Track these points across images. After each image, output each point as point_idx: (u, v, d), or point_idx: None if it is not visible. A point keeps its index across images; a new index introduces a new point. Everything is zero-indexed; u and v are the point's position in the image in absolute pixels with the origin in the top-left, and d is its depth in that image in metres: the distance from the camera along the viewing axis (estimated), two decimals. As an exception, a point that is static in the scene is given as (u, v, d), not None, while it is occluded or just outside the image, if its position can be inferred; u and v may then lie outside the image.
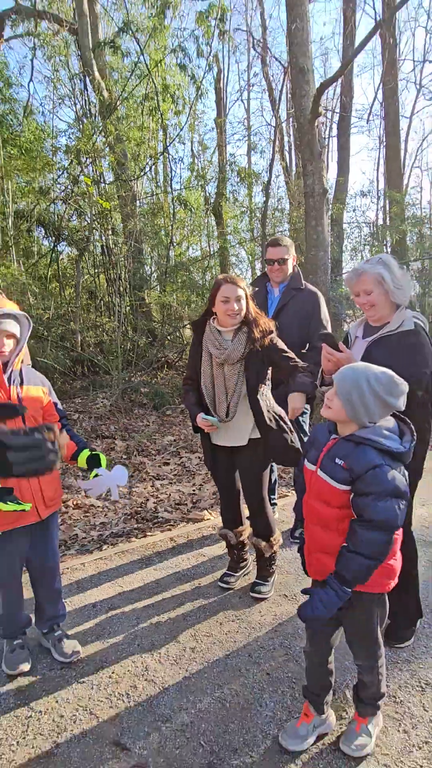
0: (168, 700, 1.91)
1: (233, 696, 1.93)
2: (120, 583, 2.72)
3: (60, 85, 9.69)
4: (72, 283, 9.26)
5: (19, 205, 9.23)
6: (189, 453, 5.31)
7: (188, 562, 2.93)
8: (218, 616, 2.44)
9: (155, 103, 8.37)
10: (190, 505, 3.88)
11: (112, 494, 2.04)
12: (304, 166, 5.74)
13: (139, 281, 8.95)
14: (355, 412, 1.43)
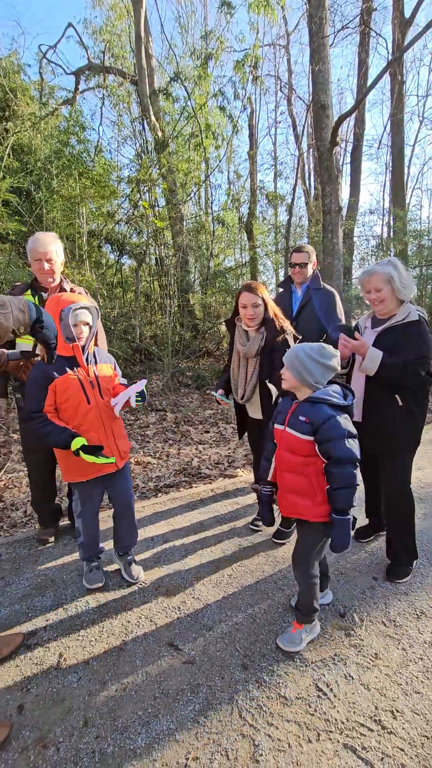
0: (210, 614, 1.95)
1: (262, 614, 1.95)
2: (171, 523, 2.76)
3: (123, 128, 9.64)
4: (132, 288, 9.33)
5: (92, 226, 9.33)
6: (225, 424, 5.32)
7: (225, 508, 2.95)
8: (249, 550, 2.45)
9: (199, 140, 8.21)
10: (227, 464, 3.90)
11: (131, 402, 1.93)
12: (323, 188, 5.53)
13: (185, 286, 8.94)
14: (302, 376, 1.56)
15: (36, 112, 9.20)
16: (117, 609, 1.98)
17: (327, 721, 1.45)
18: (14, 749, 1.35)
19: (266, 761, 1.32)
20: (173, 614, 1.94)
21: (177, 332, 8.53)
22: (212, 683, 1.59)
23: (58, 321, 1.81)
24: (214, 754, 1.34)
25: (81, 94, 9.42)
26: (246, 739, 1.39)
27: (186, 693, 1.55)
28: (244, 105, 8.53)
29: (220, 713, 1.48)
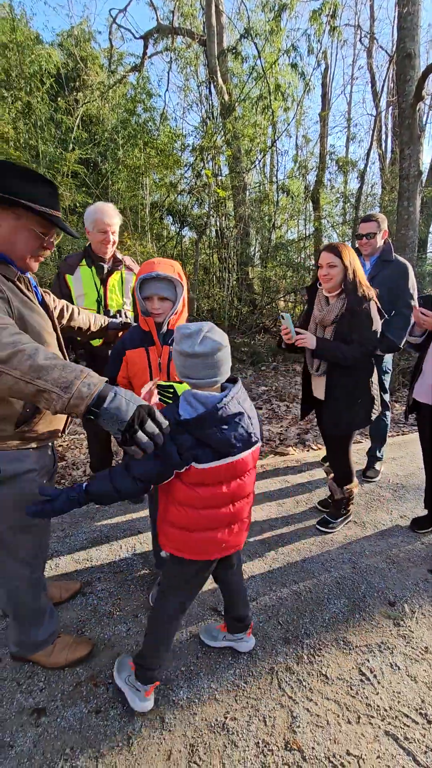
0: (254, 586, 1.97)
1: (307, 592, 1.94)
2: (221, 494, 2.81)
3: (189, 93, 9.41)
4: (191, 261, 9.32)
5: (154, 197, 9.37)
6: (278, 401, 5.25)
7: (274, 485, 2.94)
8: (297, 529, 2.43)
9: (267, 102, 7.81)
10: (278, 441, 3.86)
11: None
12: (401, 150, 5.04)
13: (245, 259, 8.76)
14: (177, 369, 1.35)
15: (104, 81, 9.25)
16: (165, 570, 2.07)
17: (368, 706, 1.43)
18: (69, 682, 1.48)
19: (303, 733, 1.34)
20: (218, 581, 2.00)
21: (234, 307, 8.45)
22: (253, 652, 1.62)
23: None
24: (252, 717, 1.38)
25: (149, 59, 9.30)
26: (284, 709, 1.41)
27: (227, 657, 1.60)
28: (318, 60, 7.94)
29: (259, 681, 1.51)
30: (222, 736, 1.33)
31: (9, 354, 0.91)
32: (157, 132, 8.59)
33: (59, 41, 9.73)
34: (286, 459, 3.40)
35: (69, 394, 0.90)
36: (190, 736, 1.32)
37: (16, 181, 1.12)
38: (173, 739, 1.31)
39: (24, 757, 1.26)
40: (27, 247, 1.20)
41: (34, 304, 1.26)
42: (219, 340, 1.13)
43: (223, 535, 1.28)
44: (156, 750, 1.28)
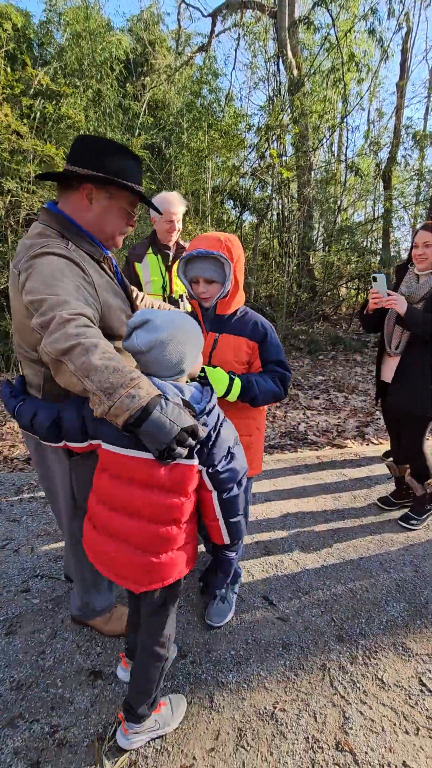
0: (307, 579, 1.92)
1: (363, 591, 1.85)
2: (274, 483, 2.76)
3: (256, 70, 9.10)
4: (251, 246, 9.15)
5: (216, 181, 9.27)
6: (337, 392, 5.04)
7: (331, 477, 2.84)
8: (355, 525, 2.33)
9: (340, 74, 7.34)
10: (335, 433, 3.71)
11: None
12: None
13: (307, 243, 8.43)
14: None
15: (171, 64, 9.21)
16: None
17: (429, 719, 1.34)
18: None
19: (356, 736, 1.28)
20: (270, 570, 1.97)
21: (293, 293, 8.20)
22: (305, 645, 1.58)
23: None
24: (301, 711, 1.35)
25: (216, 38, 9.10)
26: (336, 709, 1.36)
27: (278, 647, 1.58)
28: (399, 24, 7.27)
29: (310, 676, 1.47)
30: (271, 725, 1.31)
31: (69, 347, 0.88)
32: (222, 114, 8.44)
33: (129, 26, 9.81)
34: (344, 452, 3.26)
35: (111, 401, 0.85)
36: (239, 720, 1.32)
37: (114, 159, 1.11)
38: (222, 721, 1.32)
39: (81, 714, 1.33)
40: (117, 225, 1.20)
41: (116, 286, 1.26)
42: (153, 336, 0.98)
43: (101, 546, 1.08)
44: (204, 728, 1.30)
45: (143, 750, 1.23)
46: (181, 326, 1.02)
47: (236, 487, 1.06)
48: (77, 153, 1.12)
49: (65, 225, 1.13)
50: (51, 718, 1.32)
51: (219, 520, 1.07)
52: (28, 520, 2.34)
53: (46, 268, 1.00)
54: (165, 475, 0.97)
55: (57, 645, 1.57)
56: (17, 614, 1.70)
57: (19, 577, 1.92)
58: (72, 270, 1.05)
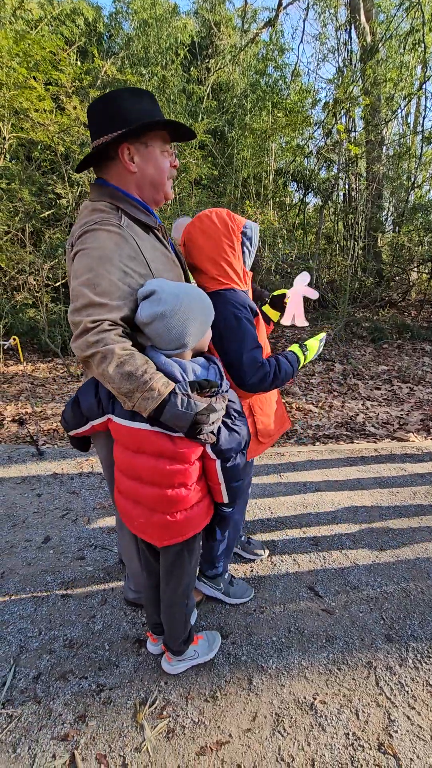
0: (357, 574, 1.84)
1: (418, 592, 1.73)
2: (327, 474, 2.67)
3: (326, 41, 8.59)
4: (314, 230, 8.79)
5: (279, 164, 8.97)
6: (401, 383, 4.73)
7: (389, 471, 2.67)
8: (412, 522, 2.18)
9: (420, 36, 6.68)
10: (397, 426, 3.49)
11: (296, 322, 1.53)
12: None
13: (374, 224, 7.91)
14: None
15: (236, 43, 8.99)
16: (267, 544, 2.06)
17: None
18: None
19: (401, 740, 1.21)
20: (317, 561, 1.91)
21: (357, 278, 7.77)
22: (350, 640, 1.52)
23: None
24: (343, 707, 1.31)
25: (284, 11, 8.69)
26: (380, 709, 1.30)
27: (321, 638, 1.53)
28: None
29: (354, 672, 1.41)
30: (309, 715, 1.28)
31: (89, 354, 0.96)
32: (287, 91, 8.10)
33: (195, 8, 9.70)
34: (405, 445, 3.06)
35: (132, 402, 0.97)
36: (277, 706, 1.31)
37: (129, 108, 1.06)
38: (259, 704, 1.32)
39: (126, 678, 1.40)
40: (163, 169, 1.14)
41: (172, 256, 1.22)
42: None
43: (128, 510, 1.18)
44: (242, 708, 1.30)
45: (181, 719, 1.27)
46: (186, 300, 1.01)
47: (239, 456, 1.12)
48: (95, 126, 1.08)
49: (117, 196, 1.11)
50: (98, 677, 1.40)
51: (221, 484, 1.14)
52: (87, 494, 2.49)
53: (95, 250, 1.00)
54: (170, 446, 1.04)
55: (106, 611, 1.66)
56: (72, 579, 1.82)
57: (75, 544, 2.05)
58: (122, 250, 1.04)
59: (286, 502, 2.36)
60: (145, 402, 0.95)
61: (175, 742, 1.21)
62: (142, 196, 1.16)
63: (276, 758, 1.17)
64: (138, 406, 0.96)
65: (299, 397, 4.27)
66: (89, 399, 1.13)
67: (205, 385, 1.00)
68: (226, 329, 1.22)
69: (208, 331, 1.10)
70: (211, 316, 1.10)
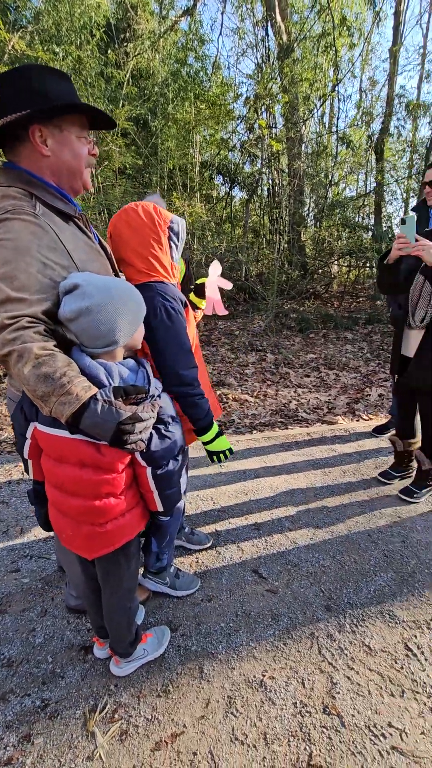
0: (297, 552, 1.94)
1: (352, 563, 1.88)
2: (264, 460, 2.77)
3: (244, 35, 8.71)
4: (241, 224, 8.97)
5: (205, 156, 8.98)
6: (327, 369, 5.03)
7: (321, 453, 2.85)
8: (343, 499, 2.34)
9: (330, 40, 7.05)
10: (326, 410, 3.72)
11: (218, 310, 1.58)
12: None
13: (297, 219, 8.27)
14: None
15: (155, 29, 8.78)
16: (209, 533, 2.09)
17: (414, 682, 1.37)
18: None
19: (343, 700, 1.31)
20: (260, 545, 1.98)
21: (284, 271, 8.09)
22: (293, 615, 1.61)
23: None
24: (290, 678, 1.38)
25: (201, 1, 8.64)
26: (324, 675, 1.39)
27: (267, 618, 1.60)
28: (391, -16, 6.95)
29: (299, 644, 1.49)
30: (260, 692, 1.33)
31: (5, 353, 0.88)
32: (209, 83, 8.11)
33: (109, -12, 9.27)
34: (334, 428, 3.27)
35: (48, 408, 0.90)
36: (228, 689, 1.34)
37: (43, 86, 0.98)
38: (211, 690, 1.34)
39: (73, 687, 1.34)
40: (80, 156, 1.06)
41: (95, 245, 1.16)
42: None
43: (56, 521, 1.12)
44: (195, 697, 1.32)
45: (133, 719, 1.25)
46: (115, 294, 0.96)
47: (171, 462, 1.09)
48: (3, 100, 0.98)
49: (30, 182, 1.01)
50: (42, 692, 1.33)
51: (153, 492, 1.11)
52: (17, 502, 2.33)
53: (10, 241, 0.92)
54: (94, 454, 0.98)
55: (47, 623, 1.57)
56: (7, 594, 1.70)
57: (8, 557, 1.91)
58: (41, 240, 0.96)
59: (227, 491, 2.41)
60: (61, 407, 0.88)
61: (129, 743, 1.19)
62: (59, 183, 1.07)
63: (230, 738, 1.21)
64: (55, 412, 0.89)
65: (235, 387, 4.37)
66: (16, 411, 1.05)
67: (131, 391, 0.95)
68: (157, 323, 1.21)
69: (140, 326, 1.07)
70: (143, 311, 1.06)
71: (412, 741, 1.21)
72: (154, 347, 1.24)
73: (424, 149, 8.21)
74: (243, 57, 9.76)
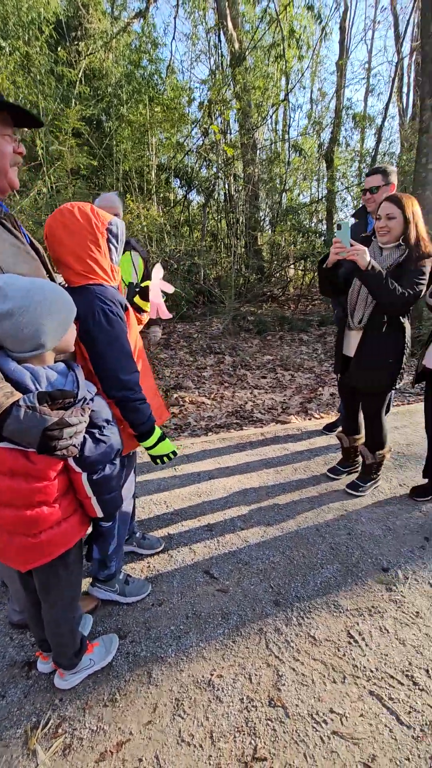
0: (248, 550, 1.97)
1: (300, 557, 1.93)
2: (219, 461, 2.79)
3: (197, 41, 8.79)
4: (199, 227, 9.02)
5: (161, 159, 8.95)
6: (283, 370, 5.16)
7: (273, 452, 2.91)
8: (294, 495, 2.41)
9: (280, 50, 7.26)
10: (280, 410, 3.81)
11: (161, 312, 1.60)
12: (422, 100, 4.67)
13: (253, 224, 8.43)
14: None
15: (108, 30, 8.66)
16: (162, 536, 2.08)
17: (355, 667, 1.43)
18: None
19: (288, 691, 1.35)
20: (212, 546, 2.00)
21: (241, 274, 8.21)
22: (243, 613, 1.63)
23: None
24: (237, 675, 1.40)
25: (154, 4, 8.63)
26: (270, 668, 1.42)
27: (217, 617, 1.61)
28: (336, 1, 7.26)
29: (247, 641, 1.52)
30: (207, 691, 1.34)
31: None
32: (163, 87, 8.10)
33: (58, -16, 9.04)
34: (288, 427, 3.36)
35: None
36: (176, 692, 1.34)
37: None
38: (160, 694, 1.34)
39: (14, 706, 1.29)
40: (4, 157, 1.03)
41: (26, 247, 1.12)
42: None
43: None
44: (142, 703, 1.31)
45: (78, 732, 1.22)
46: (38, 296, 0.93)
47: (108, 466, 1.08)
48: None
49: None
50: (-19, 713, 1.27)
51: (91, 498, 1.09)
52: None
53: None
54: (23, 462, 0.95)
55: (-11, 640, 1.51)
56: None
57: None
58: None
59: (181, 494, 2.41)
60: None
61: (72, 757, 1.17)
62: None
63: (177, 741, 1.21)
64: None
65: (192, 390, 4.37)
66: None
67: (58, 396, 0.92)
68: (95, 326, 1.19)
69: (71, 329, 1.05)
70: (72, 313, 1.03)
71: (351, 724, 1.26)
72: (93, 351, 1.23)
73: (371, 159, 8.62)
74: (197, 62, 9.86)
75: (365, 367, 2.09)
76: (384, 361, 2.04)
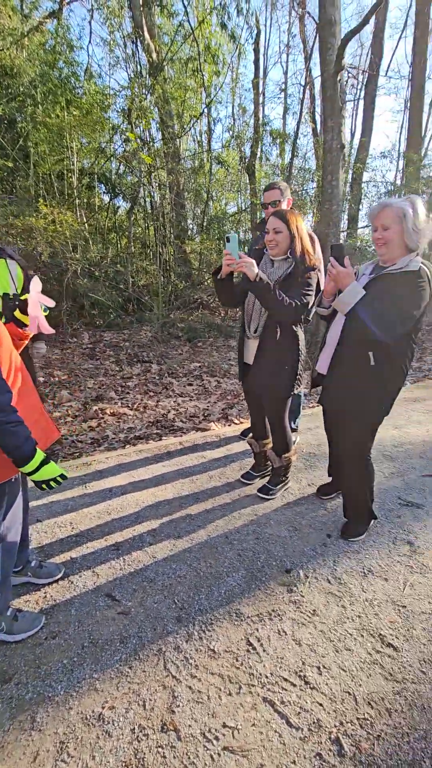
0: (154, 567, 1.92)
1: (207, 567, 1.91)
2: (133, 475, 2.71)
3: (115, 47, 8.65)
4: (127, 234, 8.84)
5: (84, 163, 8.66)
6: (210, 377, 5.19)
7: (190, 461, 2.89)
8: (207, 504, 2.40)
9: (197, 65, 7.37)
10: (202, 417, 3.81)
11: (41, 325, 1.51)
12: (325, 121, 4.98)
13: (180, 232, 8.44)
14: None
15: (18, 28, 8.22)
16: (63, 561, 1.96)
17: (251, 675, 1.43)
18: None
19: (182, 712, 1.31)
20: (117, 566, 1.92)
21: (170, 282, 8.17)
22: (143, 634, 1.57)
23: None
24: (131, 704, 1.33)
25: (68, 5, 8.37)
26: (166, 690, 1.38)
27: (115, 643, 1.54)
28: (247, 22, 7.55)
29: (145, 664, 1.46)
30: (96, 727, 1.26)
31: None
32: (81, 90, 7.86)
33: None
34: (207, 435, 3.36)
35: None
36: (62, 733, 1.25)
37: None
38: (42, 739, 1.23)
39: None
40: None
41: None
42: None
43: None
44: (21, 753, 1.20)
45: None
46: None
47: None
48: None
49: None
50: None
51: None
52: None
53: None
54: None
55: None
56: None
57: None
58: None
59: (89, 513, 2.30)
60: None
61: None
62: None
63: (57, 789, 1.12)
64: None
65: (115, 401, 4.24)
66: None
67: None
68: None
69: None
70: None
71: (242, 736, 1.25)
72: None
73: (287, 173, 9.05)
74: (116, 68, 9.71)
75: (264, 374, 2.14)
76: (281, 368, 2.11)
